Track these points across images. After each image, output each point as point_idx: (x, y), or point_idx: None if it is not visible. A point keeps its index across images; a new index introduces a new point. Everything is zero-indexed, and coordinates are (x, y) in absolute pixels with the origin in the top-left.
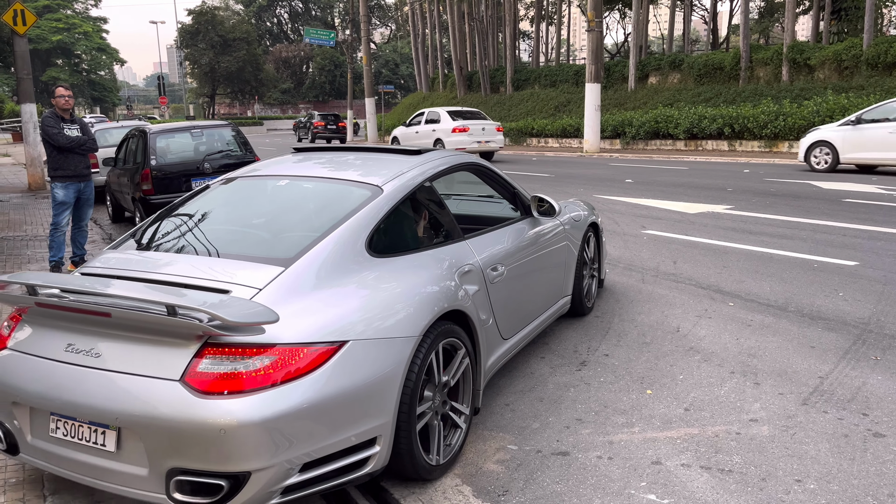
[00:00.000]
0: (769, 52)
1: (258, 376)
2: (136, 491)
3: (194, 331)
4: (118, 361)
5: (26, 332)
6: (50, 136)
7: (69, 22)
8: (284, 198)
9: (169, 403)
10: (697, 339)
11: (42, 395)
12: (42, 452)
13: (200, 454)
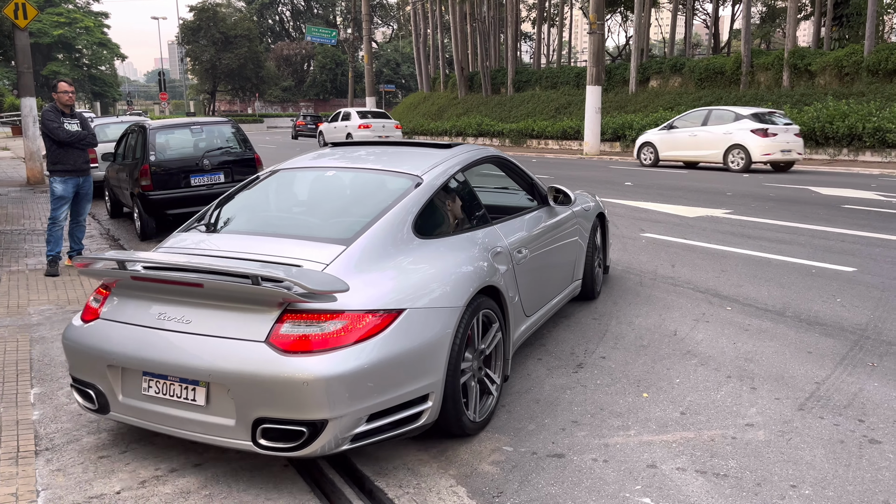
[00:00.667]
0: (770, 58)
1: (332, 338)
2: (223, 440)
3: (276, 298)
4: (207, 326)
5: (116, 304)
6: (50, 131)
7: (71, 16)
8: (334, 186)
9: (257, 361)
10: (695, 342)
11: (136, 357)
12: (133, 409)
13: (285, 405)
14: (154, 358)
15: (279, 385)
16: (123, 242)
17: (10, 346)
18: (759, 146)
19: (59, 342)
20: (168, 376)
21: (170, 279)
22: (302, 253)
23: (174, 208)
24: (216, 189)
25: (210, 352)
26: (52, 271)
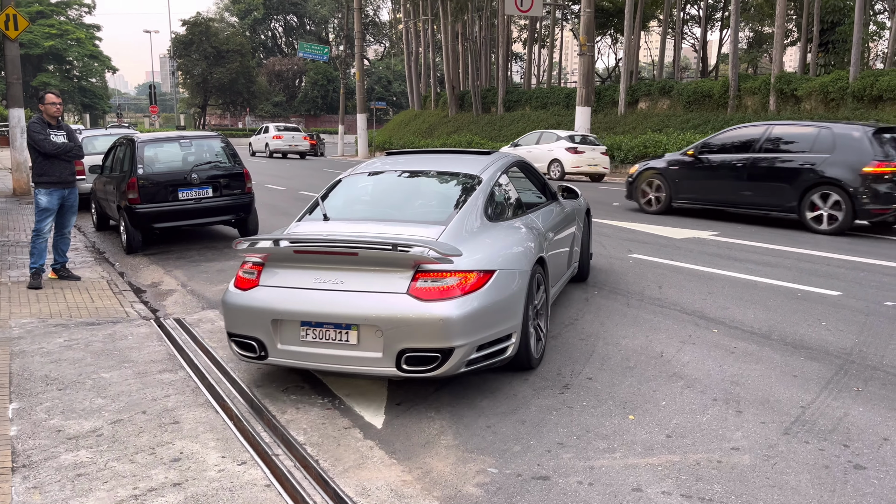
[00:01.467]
0: (757, 82)
1: (452, 290)
2: (370, 369)
3: (412, 261)
4: (357, 285)
5: (273, 274)
6: (36, 142)
7: (62, 28)
8: (413, 185)
9: (402, 307)
10: (681, 364)
11: (298, 311)
12: (291, 353)
13: (425, 338)
14: (314, 311)
15: (421, 324)
16: (108, 256)
17: None
18: (569, 160)
19: (39, 356)
20: (324, 324)
21: (331, 250)
22: (412, 232)
23: (161, 222)
24: (204, 203)
25: (362, 303)
26: (35, 284)
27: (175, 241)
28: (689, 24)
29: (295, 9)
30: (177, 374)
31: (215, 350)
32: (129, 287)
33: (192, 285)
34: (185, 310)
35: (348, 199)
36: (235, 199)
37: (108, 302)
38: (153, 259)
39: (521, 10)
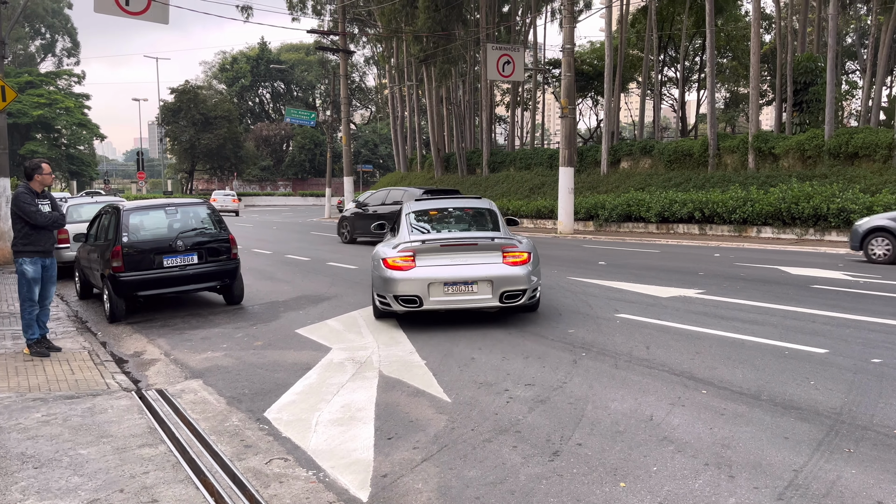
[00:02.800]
0: (736, 141)
1: (520, 261)
2: (486, 305)
3: (499, 247)
4: (474, 261)
5: (423, 259)
6: (28, 214)
7: (51, 98)
8: (460, 212)
9: (500, 270)
10: (671, 428)
11: (443, 278)
12: (437, 302)
13: (513, 286)
14: (453, 276)
15: (512, 278)
16: (91, 325)
17: None
18: None
19: (15, 432)
20: (457, 283)
21: (462, 243)
22: (489, 235)
23: (145, 290)
24: (189, 270)
25: (480, 271)
26: (42, 351)
27: (159, 309)
28: (667, 86)
29: (282, 76)
30: (157, 448)
31: (197, 422)
32: (110, 357)
33: (175, 354)
34: (167, 380)
35: (430, 221)
36: (221, 266)
37: (89, 373)
38: (136, 328)
39: (503, 75)
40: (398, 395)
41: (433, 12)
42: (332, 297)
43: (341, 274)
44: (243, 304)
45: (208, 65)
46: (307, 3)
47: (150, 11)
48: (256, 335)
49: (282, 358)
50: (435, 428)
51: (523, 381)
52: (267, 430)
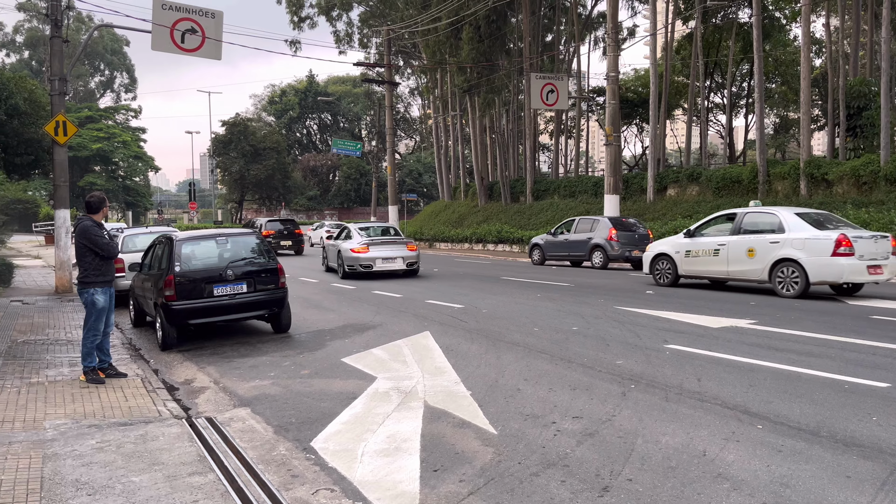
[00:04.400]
0: (786, 167)
1: (414, 248)
2: (401, 269)
3: (404, 242)
4: (395, 248)
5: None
6: (100, 247)
7: (109, 131)
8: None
9: (406, 252)
10: (725, 464)
11: (383, 256)
12: (379, 268)
13: (413, 259)
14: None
15: (412, 256)
16: (144, 352)
17: (23, 464)
18: None
19: (70, 459)
20: (388, 258)
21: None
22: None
23: (196, 318)
24: (239, 299)
25: (397, 252)
26: (98, 378)
27: (209, 337)
28: (713, 112)
29: (329, 107)
30: (206, 476)
31: (245, 451)
32: (162, 385)
33: (224, 382)
34: (216, 408)
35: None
36: (269, 294)
37: (142, 401)
38: (187, 355)
39: (547, 104)
40: (443, 426)
41: (477, 43)
42: (377, 325)
43: (386, 302)
44: (290, 332)
45: (258, 97)
46: (354, 37)
47: (203, 48)
48: (303, 364)
49: (328, 387)
50: (481, 460)
51: (571, 414)
52: (313, 460)
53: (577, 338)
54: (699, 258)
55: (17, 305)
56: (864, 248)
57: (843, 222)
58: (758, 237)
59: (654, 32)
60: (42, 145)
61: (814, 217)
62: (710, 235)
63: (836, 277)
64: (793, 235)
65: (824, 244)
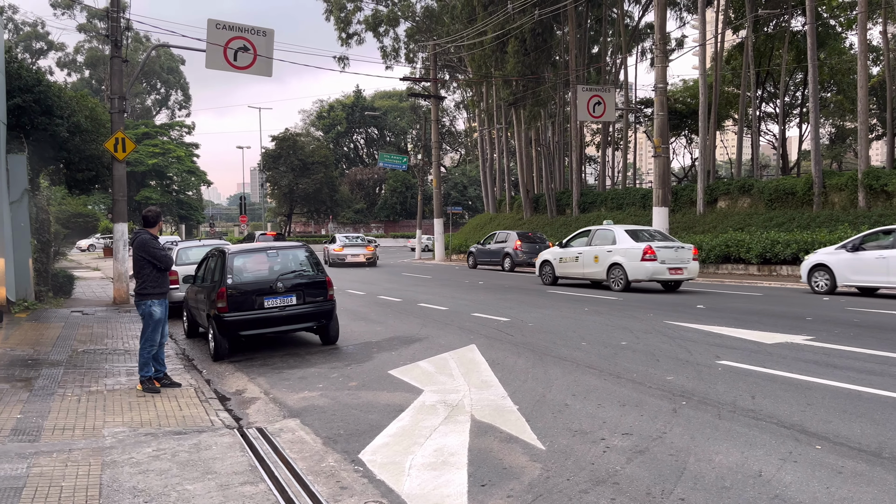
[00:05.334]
0: (843, 178)
1: (373, 249)
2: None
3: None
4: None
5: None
6: (159, 259)
7: (164, 147)
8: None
9: (368, 252)
10: (783, 485)
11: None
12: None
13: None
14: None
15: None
16: (197, 363)
17: (82, 470)
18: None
19: (128, 466)
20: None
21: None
22: None
23: (247, 330)
24: (288, 311)
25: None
26: (153, 388)
27: (259, 348)
28: (765, 122)
29: (375, 122)
30: (257, 486)
31: (295, 462)
32: (215, 395)
33: (274, 393)
34: (267, 418)
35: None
36: (318, 307)
37: (195, 410)
38: (238, 366)
39: (594, 116)
40: (491, 440)
41: (522, 56)
42: (424, 338)
43: (432, 315)
44: (338, 344)
45: (306, 113)
46: (400, 52)
47: (255, 65)
48: (351, 375)
49: (375, 399)
50: (529, 476)
51: (620, 430)
52: (362, 472)
53: (626, 353)
54: (567, 263)
55: (78, 316)
56: (666, 255)
57: (662, 236)
58: (601, 248)
59: (703, 43)
60: (102, 161)
61: (637, 233)
62: (574, 246)
63: (644, 276)
64: (619, 246)
65: (636, 252)
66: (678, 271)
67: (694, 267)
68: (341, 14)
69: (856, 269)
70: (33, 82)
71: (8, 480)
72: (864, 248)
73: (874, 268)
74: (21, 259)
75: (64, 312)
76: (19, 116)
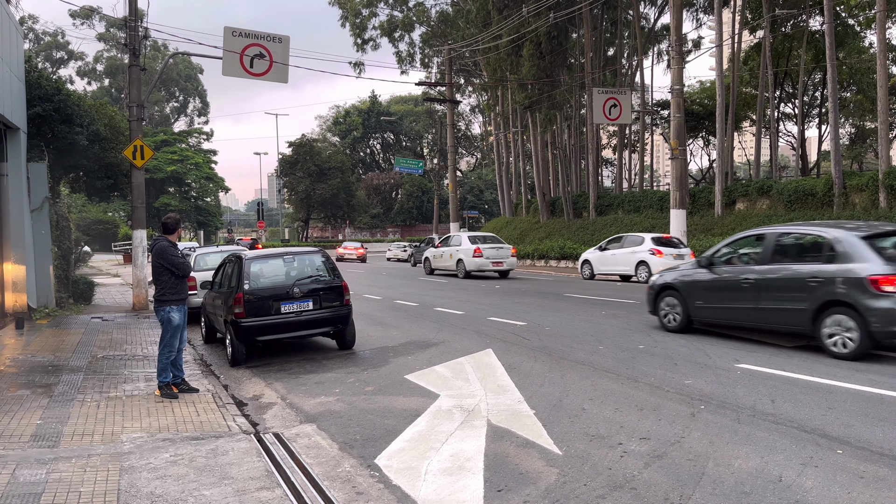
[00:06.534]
0: (864, 179)
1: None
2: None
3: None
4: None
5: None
6: (177, 266)
7: (183, 154)
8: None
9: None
10: (803, 490)
11: None
12: None
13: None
14: None
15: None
16: (214, 368)
17: (101, 476)
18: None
19: (146, 472)
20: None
21: None
22: None
23: (264, 335)
24: (305, 316)
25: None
26: (171, 394)
27: (276, 354)
28: (783, 122)
29: (391, 127)
30: (273, 492)
31: (311, 467)
32: (231, 400)
33: (291, 398)
34: (283, 423)
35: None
36: (334, 312)
37: (212, 416)
38: (255, 371)
39: (610, 118)
40: (507, 445)
41: (538, 59)
42: (440, 342)
43: (448, 319)
44: (355, 349)
45: (323, 118)
46: (416, 57)
47: (271, 72)
48: (367, 380)
49: (392, 404)
50: (546, 481)
51: (637, 435)
52: (378, 478)
53: (644, 356)
54: (439, 259)
55: (98, 322)
56: (491, 253)
57: (492, 238)
58: (452, 248)
59: (720, 44)
60: (121, 169)
61: (476, 237)
62: (443, 247)
63: (476, 268)
64: (461, 246)
65: (471, 250)
66: (499, 264)
67: (512, 261)
68: (357, 20)
69: (604, 262)
70: (53, 91)
71: (27, 486)
72: (607, 249)
73: (609, 261)
74: (42, 266)
75: (84, 319)
76: (40, 125)
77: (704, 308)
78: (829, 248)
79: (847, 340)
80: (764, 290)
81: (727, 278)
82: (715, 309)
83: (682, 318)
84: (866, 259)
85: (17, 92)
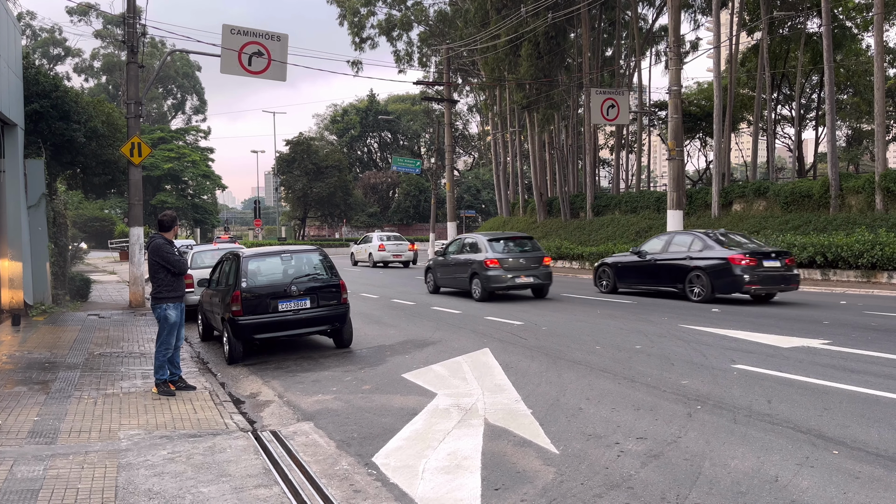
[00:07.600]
0: (861, 181)
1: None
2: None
3: None
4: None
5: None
6: (172, 263)
7: (180, 152)
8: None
9: None
10: (799, 490)
11: None
12: None
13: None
14: None
15: None
16: (211, 366)
17: (98, 473)
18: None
19: (143, 469)
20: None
21: None
22: None
23: (261, 333)
24: (302, 314)
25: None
26: (168, 391)
27: (273, 352)
28: (780, 124)
29: (389, 126)
30: (271, 489)
31: (309, 465)
32: (229, 398)
33: (288, 396)
34: (281, 421)
35: None
36: (332, 310)
37: (210, 413)
38: (252, 369)
39: (608, 119)
40: (504, 444)
41: (536, 59)
42: (437, 341)
43: (445, 318)
44: (352, 347)
45: (320, 117)
46: (414, 56)
47: (269, 70)
48: (364, 379)
49: (389, 402)
50: (543, 480)
51: (634, 434)
52: (375, 476)
53: (641, 356)
54: (359, 254)
55: (94, 319)
56: (393, 248)
57: (396, 237)
58: (365, 245)
59: (717, 45)
60: (118, 166)
61: (387, 236)
62: (360, 244)
63: (380, 259)
64: (373, 244)
65: (375, 245)
66: (398, 256)
67: (409, 255)
68: (355, 19)
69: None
70: (51, 88)
71: (25, 482)
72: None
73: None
74: (39, 263)
75: (80, 316)
76: (37, 121)
77: (441, 279)
78: (475, 245)
79: (476, 290)
80: (454, 265)
81: (447, 261)
82: (443, 279)
83: (433, 284)
84: (486, 251)
85: (15, 88)
